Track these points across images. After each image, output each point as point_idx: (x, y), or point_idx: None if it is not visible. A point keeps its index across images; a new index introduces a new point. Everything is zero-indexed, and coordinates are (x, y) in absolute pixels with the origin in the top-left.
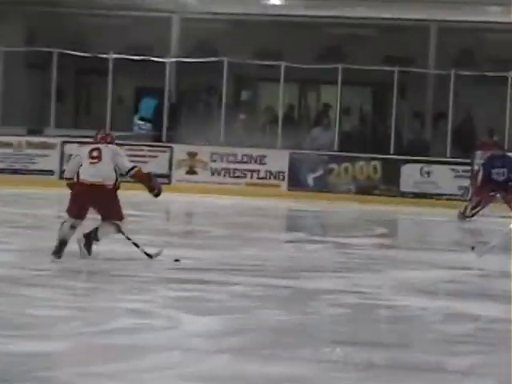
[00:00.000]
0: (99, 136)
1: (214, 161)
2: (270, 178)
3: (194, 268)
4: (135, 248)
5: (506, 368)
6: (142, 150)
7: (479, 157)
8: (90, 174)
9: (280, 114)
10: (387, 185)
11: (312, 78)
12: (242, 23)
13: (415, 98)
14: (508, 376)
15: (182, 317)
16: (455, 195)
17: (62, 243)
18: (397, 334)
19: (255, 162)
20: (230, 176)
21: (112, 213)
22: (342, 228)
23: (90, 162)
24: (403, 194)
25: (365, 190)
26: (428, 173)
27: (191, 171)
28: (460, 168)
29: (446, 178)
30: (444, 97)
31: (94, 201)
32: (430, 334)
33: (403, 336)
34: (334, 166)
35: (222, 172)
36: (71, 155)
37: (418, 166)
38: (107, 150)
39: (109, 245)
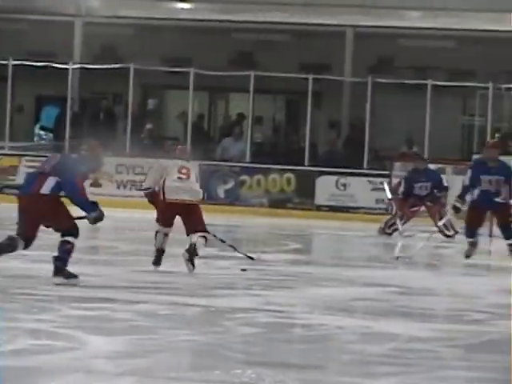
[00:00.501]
0: (178, 150)
1: (120, 173)
2: None
3: (98, 285)
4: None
5: None
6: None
7: (398, 168)
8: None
9: (189, 124)
10: (302, 198)
11: (223, 86)
12: (148, 28)
13: (331, 106)
14: None
15: (85, 337)
16: (373, 209)
17: (160, 252)
18: (311, 355)
19: None
20: (136, 189)
21: (199, 225)
22: (255, 243)
23: (179, 178)
24: (318, 208)
25: (278, 203)
26: (344, 185)
27: (95, 183)
28: (377, 180)
29: (362, 190)
30: (361, 106)
31: (181, 212)
32: (346, 354)
33: (318, 356)
34: (245, 177)
35: (128, 184)
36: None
37: (334, 178)
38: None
39: (8, 261)
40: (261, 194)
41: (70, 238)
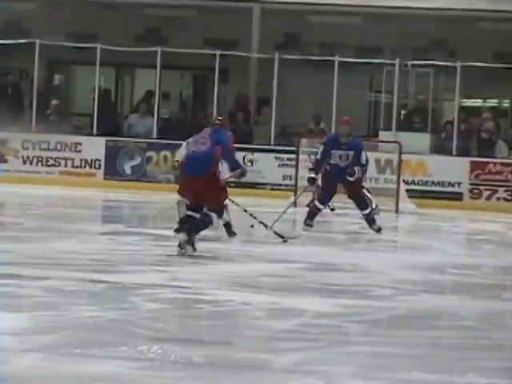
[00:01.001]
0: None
1: (26, 148)
2: (85, 166)
3: (3, 262)
4: None
5: (331, 365)
6: None
7: (305, 145)
8: None
9: (95, 100)
10: None
11: (130, 62)
12: (54, 2)
13: (238, 83)
14: (333, 373)
15: None
16: (280, 185)
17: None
18: (218, 331)
19: (69, 149)
20: (42, 164)
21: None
22: (161, 219)
23: None
24: (227, 183)
25: None
26: (251, 161)
27: (1, 159)
28: (285, 156)
29: (269, 166)
30: (268, 82)
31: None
32: (252, 330)
33: (225, 332)
34: (152, 154)
35: (35, 160)
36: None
37: (241, 154)
38: None
39: None
40: (168, 170)
41: None
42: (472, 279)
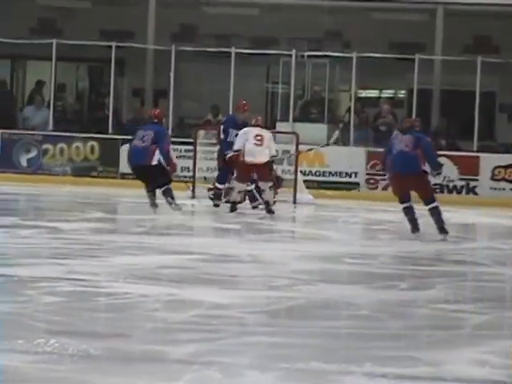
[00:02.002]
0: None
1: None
2: None
3: None
4: None
5: (229, 356)
6: None
7: (202, 136)
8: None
9: None
10: (106, 166)
11: (24, 54)
12: None
13: (135, 74)
14: (231, 364)
15: None
16: (177, 176)
17: (235, 204)
18: (115, 323)
19: None
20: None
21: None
22: (57, 212)
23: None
24: (123, 176)
25: (82, 171)
26: None
27: None
28: (183, 148)
29: None
30: (165, 73)
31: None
32: (150, 322)
33: (122, 325)
34: (48, 146)
35: None
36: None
37: None
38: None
39: None
40: (64, 163)
41: None
42: (369, 269)
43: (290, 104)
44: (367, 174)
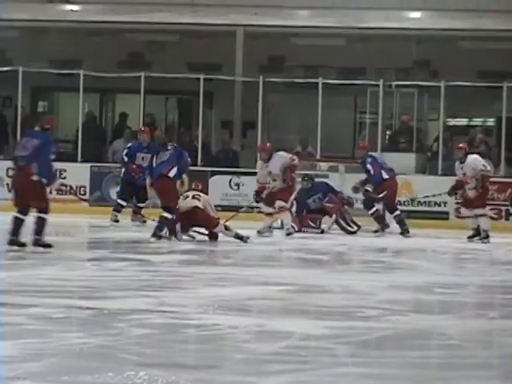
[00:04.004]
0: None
1: (11, 176)
2: (70, 193)
3: None
4: None
5: None
6: None
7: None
8: None
9: (80, 126)
10: None
11: (113, 87)
12: (36, 30)
13: (223, 106)
14: None
15: None
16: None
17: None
18: (205, 355)
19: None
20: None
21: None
22: (147, 244)
23: None
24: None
25: None
26: (237, 184)
27: None
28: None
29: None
30: (253, 105)
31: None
32: (240, 353)
33: (212, 356)
34: None
35: None
36: None
37: (227, 177)
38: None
39: None
40: (153, 196)
41: None
42: (458, 298)
43: (378, 134)
44: (456, 203)
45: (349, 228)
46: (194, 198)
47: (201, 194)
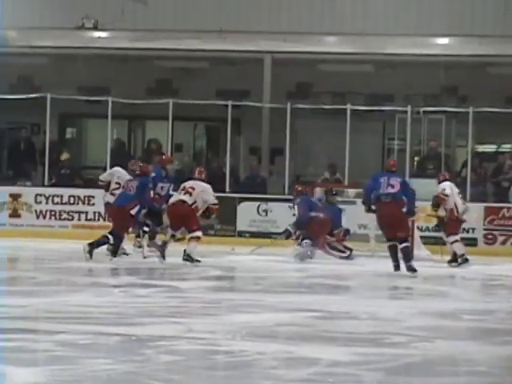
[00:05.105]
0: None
1: (39, 203)
2: (98, 219)
3: (18, 316)
4: None
5: None
6: None
7: (319, 194)
8: None
9: (108, 152)
10: (223, 224)
11: (142, 114)
12: (64, 57)
13: (251, 133)
14: None
15: (5, 368)
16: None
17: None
18: (233, 381)
19: (83, 202)
20: (56, 218)
21: None
22: (175, 271)
23: None
24: (240, 234)
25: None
26: (265, 211)
27: (14, 214)
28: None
29: (284, 215)
30: (281, 131)
31: None
32: (267, 380)
33: (240, 383)
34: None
35: (48, 214)
36: None
37: (255, 203)
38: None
39: None
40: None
41: None
42: (486, 324)
43: (406, 160)
44: (485, 229)
45: (343, 254)
46: (186, 192)
47: (197, 185)
